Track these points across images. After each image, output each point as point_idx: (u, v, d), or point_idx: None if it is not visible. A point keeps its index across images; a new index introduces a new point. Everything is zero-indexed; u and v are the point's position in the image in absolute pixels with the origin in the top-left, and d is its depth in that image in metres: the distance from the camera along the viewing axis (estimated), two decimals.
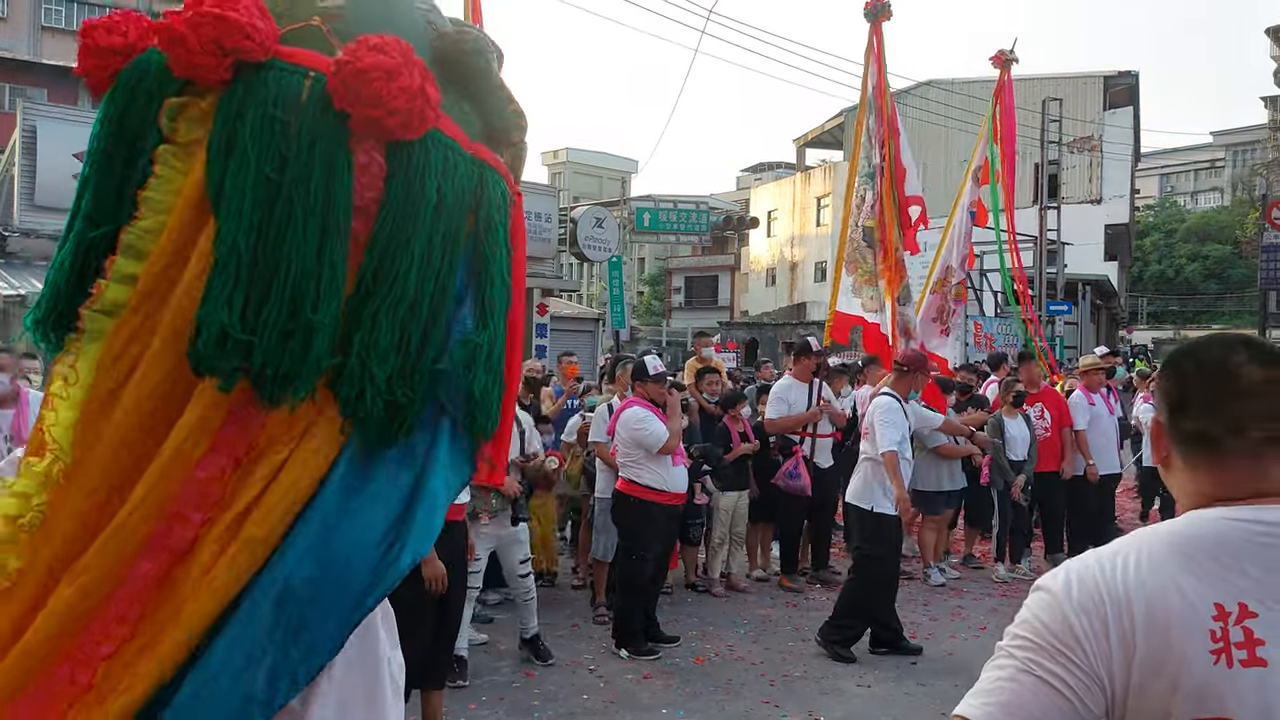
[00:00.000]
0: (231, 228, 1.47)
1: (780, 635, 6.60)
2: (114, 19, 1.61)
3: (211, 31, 1.47)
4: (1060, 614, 1.25)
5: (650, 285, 48.96)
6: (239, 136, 1.42)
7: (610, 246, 21.32)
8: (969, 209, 10.21)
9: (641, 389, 6.28)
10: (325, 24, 1.58)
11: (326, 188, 1.50)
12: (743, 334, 29.76)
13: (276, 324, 1.41)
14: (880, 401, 6.36)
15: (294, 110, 1.44)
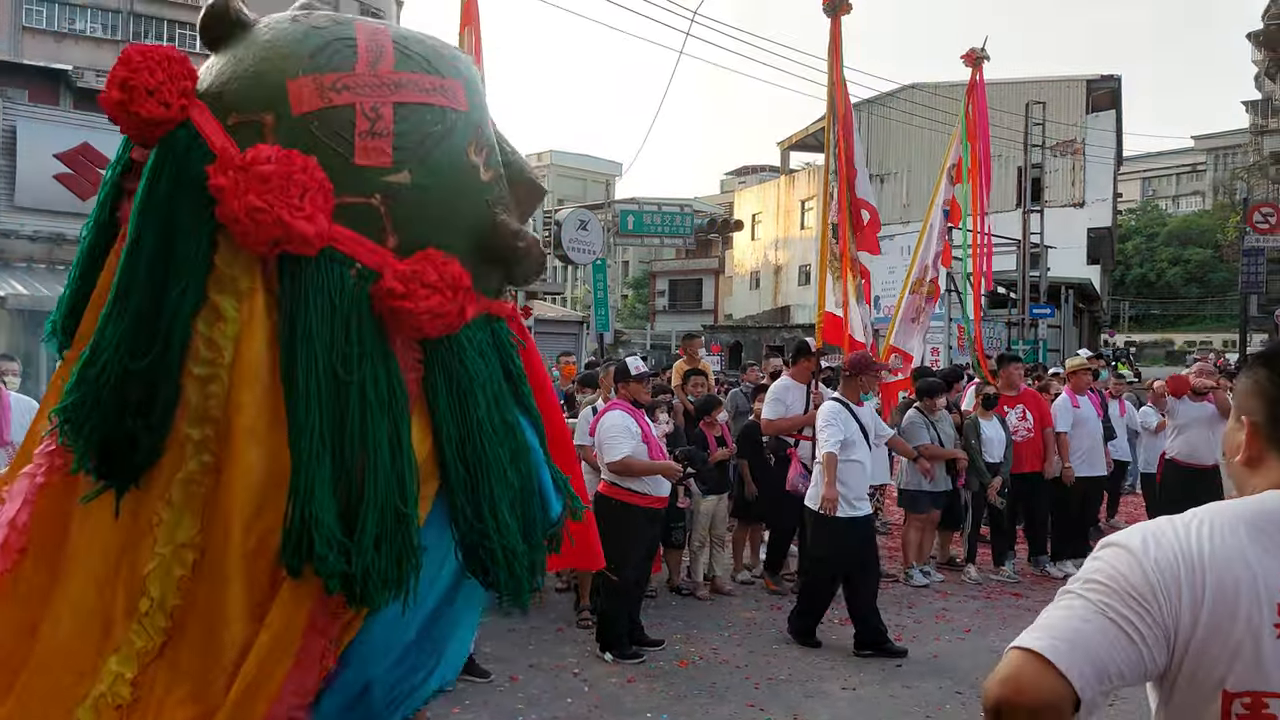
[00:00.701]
0: (314, 420, 1.62)
1: (764, 638, 6.58)
2: (147, 75, 1.68)
3: (270, 233, 1.62)
4: (1138, 567, 1.26)
5: (634, 288, 48.98)
6: (302, 325, 1.64)
7: (594, 249, 21.31)
8: (943, 207, 10.27)
9: (624, 390, 6.27)
10: (385, 204, 1.72)
11: (389, 382, 1.67)
12: (727, 337, 29.79)
13: (374, 526, 1.61)
14: (824, 406, 6.60)
15: (352, 306, 1.67)
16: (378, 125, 1.69)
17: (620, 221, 26.21)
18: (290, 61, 1.72)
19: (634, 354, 8.28)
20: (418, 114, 1.74)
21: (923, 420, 8.25)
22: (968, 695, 5.54)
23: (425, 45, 1.84)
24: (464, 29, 7.88)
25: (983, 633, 6.75)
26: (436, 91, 1.76)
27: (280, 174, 1.61)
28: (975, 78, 10.79)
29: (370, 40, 1.76)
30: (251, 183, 1.61)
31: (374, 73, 1.72)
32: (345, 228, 1.70)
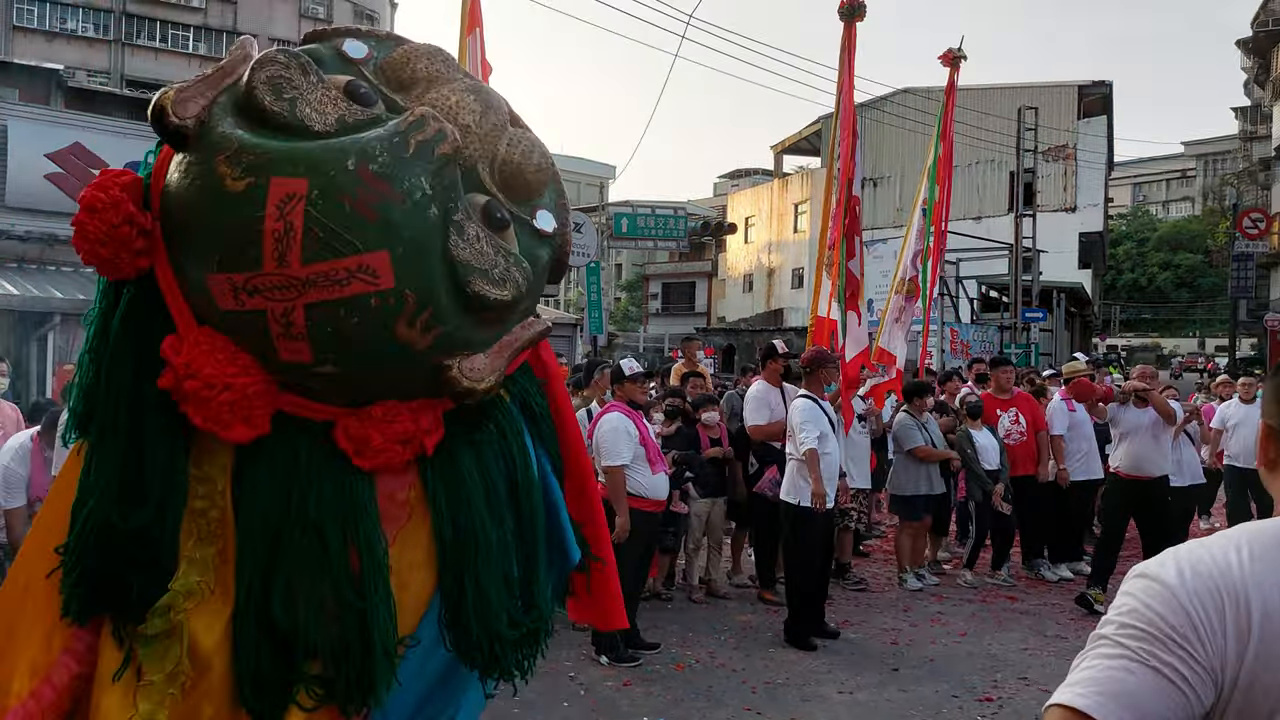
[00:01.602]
0: (248, 566, 1.74)
1: (761, 642, 6.56)
2: (100, 222, 1.68)
3: (213, 426, 1.69)
4: (1176, 604, 1.20)
5: (627, 291, 49.01)
6: (249, 481, 1.75)
7: (589, 252, 21.31)
8: (922, 207, 10.33)
9: (620, 391, 6.26)
10: (321, 382, 1.74)
11: (347, 528, 1.74)
12: (720, 340, 29.80)
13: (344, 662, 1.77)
14: (797, 404, 6.74)
15: (308, 459, 1.76)
16: (292, 330, 1.62)
17: (614, 224, 26.21)
18: (202, 251, 1.67)
19: (625, 357, 8.28)
20: (331, 311, 1.60)
21: (914, 422, 8.25)
22: (964, 699, 5.53)
23: (344, 211, 1.57)
24: (469, 34, 7.84)
25: (979, 636, 6.74)
26: (352, 278, 1.58)
27: (212, 395, 1.68)
28: (952, 77, 10.86)
29: (279, 216, 1.57)
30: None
31: (281, 270, 1.58)
32: (291, 395, 1.74)
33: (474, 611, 1.78)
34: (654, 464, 6.22)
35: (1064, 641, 6.60)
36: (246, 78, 1.68)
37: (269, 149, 1.60)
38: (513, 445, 1.90)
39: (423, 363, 1.69)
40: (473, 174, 1.78)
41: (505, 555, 1.84)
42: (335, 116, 1.66)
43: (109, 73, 29.90)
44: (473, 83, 1.85)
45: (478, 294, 1.67)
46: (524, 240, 1.82)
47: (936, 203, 10.62)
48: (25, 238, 10.43)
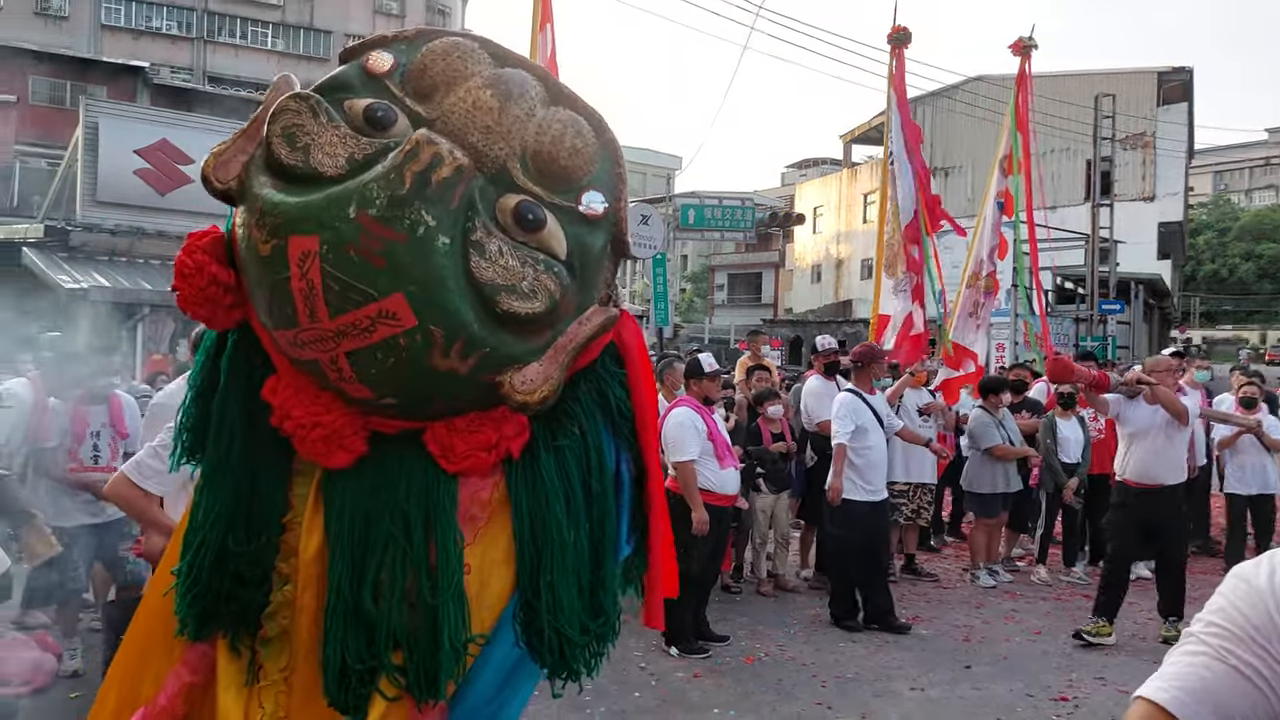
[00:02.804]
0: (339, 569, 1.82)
1: (831, 636, 6.57)
2: (194, 285, 1.79)
3: (312, 453, 1.83)
4: (1261, 604, 1.21)
5: (693, 282, 48.90)
6: (330, 488, 1.84)
7: (656, 244, 21.29)
8: (997, 200, 10.18)
9: (697, 386, 6.30)
10: (393, 410, 1.79)
11: (451, 547, 1.80)
12: (787, 331, 29.63)
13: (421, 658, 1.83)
14: (838, 397, 7.00)
15: (393, 464, 1.84)
16: (344, 375, 1.69)
17: (681, 215, 26.18)
18: (261, 309, 1.76)
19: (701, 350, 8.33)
20: (369, 356, 1.65)
21: (990, 419, 8.16)
22: (1039, 698, 5.48)
23: (353, 261, 1.58)
24: (541, 29, 7.94)
25: (1053, 634, 6.67)
26: (375, 324, 1.61)
27: (305, 434, 1.79)
28: (1024, 67, 10.70)
29: (301, 275, 1.61)
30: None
31: (314, 325, 1.64)
32: (378, 416, 1.81)
33: (547, 613, 1.81)
34: (723, 459, 6.25)
35: (1141, 641, 6.50)
36: (265, 132, 1.69)
37: (285, 208, 1.61)
38: (590, 449, 1.91)
39: (473, 384, 1.70)
40: (503, 174, 1.74)
41: (580, 559, 1.87)
42: (345, 156, 1.65)
43: (191, 69, 30.70)
44: (490, 75, 1.78)
45: (508, 312, 1.65)
46: (572, 230, 1.77)
47: (1025, 194, 10.49)
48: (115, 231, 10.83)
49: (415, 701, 1.78)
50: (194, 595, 1.87)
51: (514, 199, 1.71)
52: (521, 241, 1.69)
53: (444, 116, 1.73)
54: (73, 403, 5.65)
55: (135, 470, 3.76)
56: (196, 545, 1.87)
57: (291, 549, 1.87)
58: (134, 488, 3.75)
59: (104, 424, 5.69)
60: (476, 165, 1.69)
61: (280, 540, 1.88)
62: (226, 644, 1.92)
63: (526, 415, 1.80)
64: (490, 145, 1.72)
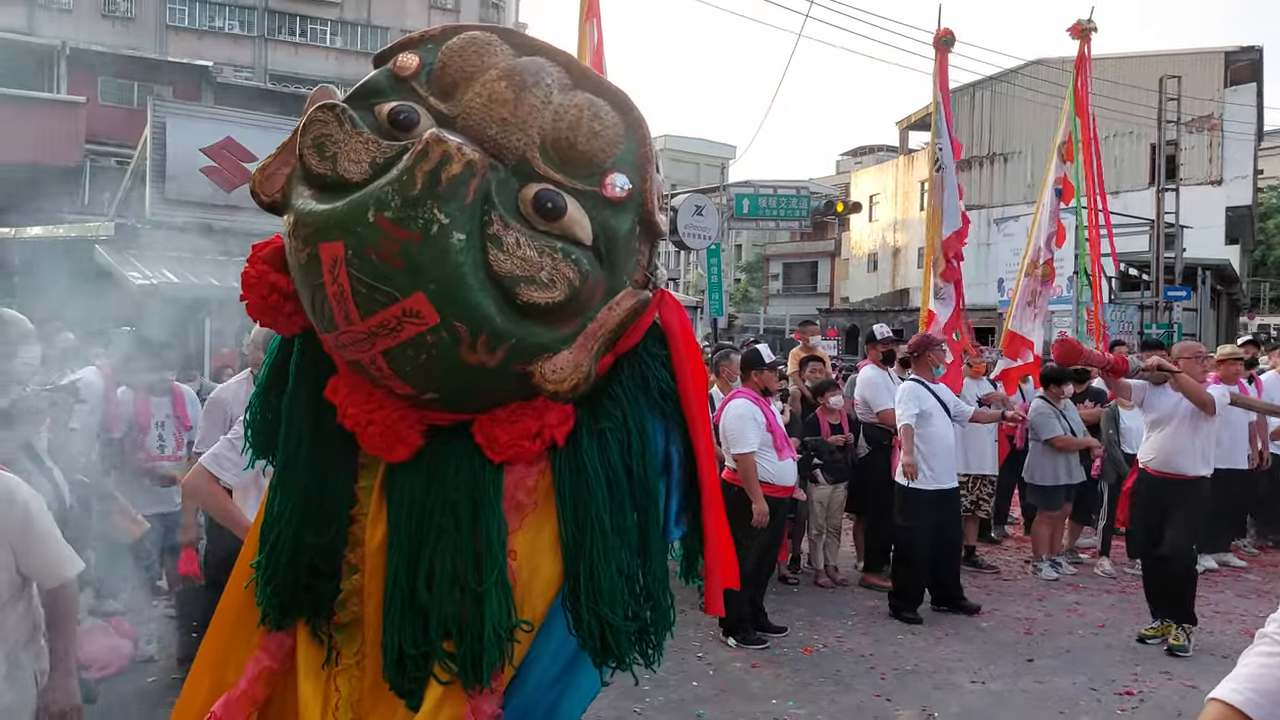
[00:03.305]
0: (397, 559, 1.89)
1: (890, 628, 6.55)
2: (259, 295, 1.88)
3: (374, 448, 1.91)
4: None
5: (747, 272, 48.67)
6: (391, 478, 1.92)
7: (710, 234, 21.27)
8: (1055, 186, 10.01)
9: (757, 377, 6.30)
10: (436, 404, 1.84)
11: (494, 534, 1.84)
12: (843, 321, 29.44)
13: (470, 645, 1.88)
14: (902, 386, 7.05)
15: (444, 456, 1.89)
16: (384, 373, 1.75)
17: (735, 205, 26.02)
18: (310, 314, 1.83)
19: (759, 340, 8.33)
20: (401, 354, 1.69)
21: (1051, 410, 8.04)
22: (1103, 692, 5.42)
23: (374, 264, 1.62)
24: (587, 22, 7.99)
25: (1117, 628, 6.57)
26: (402, 323, 1.65)
27: (363, 430, 1.87)
28: (1083, 50, 10.50)
29: (333, 280, 1.66)
30: None
31: (350, 327, 1.69)
32: (429, 410, 1.86)
33: (586, 598, 1.82)
34: (781, 450, 6.25)
35: (1209, 636, 6.38)
36: (298, 144, 1.75)
37: (315, 216, 1.66)
38: (632, 432, 1.90)
39: (506, 375, 1.73)
40: (524, 165, 1.75)
41: (624, 544, 1.88)
42: (368, 161, 1.69)
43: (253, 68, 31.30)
44: (506, 66, 1.79)
45: (529, 302, 1.67)
46: (596, 214, 1.76)
47: (1085, 180, 10.31)
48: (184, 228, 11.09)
49: (466, 689, 1.81)
50: (274, 587, 1.95)
51: (535, 188, 1.72)
52: (544, 230, 1.70)
53: (464, 112, 1.76)
54: (137, 394, 5.85)
55: (214, 463, 3.89)
56: (273, 539, 1.95)
57: (359, 540, 1.94)
58: (213, 481, 3.89)
59: (168, 415, 5.90)
60: (497, 157, 1.71)
61: (349, 532, 1.95)
62: (306, 632, 2.00)
63: (566, 403, 1.82)
64: (508, 136, 1.74)
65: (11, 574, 2.61)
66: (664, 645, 1.97)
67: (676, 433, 1.98)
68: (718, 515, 2.06)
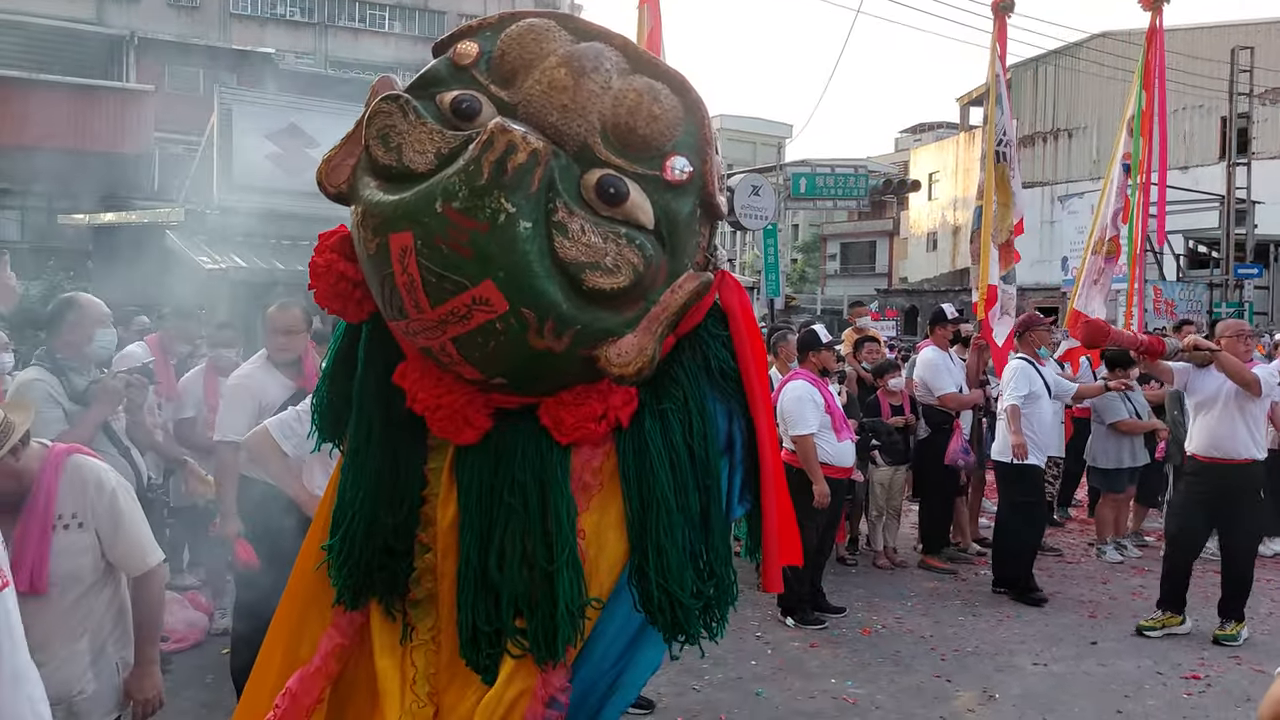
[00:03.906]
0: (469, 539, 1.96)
1: (950, 609, 6.53)
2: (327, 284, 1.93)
3: (443, 430, 1.98)
4: None
5: (804, 252, 48.28)
6: (460, 460, 1.98)
7: (767, 214, 21.09)
8: (1123, 162, 9.78)
9: (815, 358, 6.30)
10: (505, 388, 1.89)
11: (564, 515, 1.90)
12: (902, 301, 29.11)
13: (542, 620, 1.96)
14: (1010, 364, 6.98)
15: (512, 438, 1.95)
16: (453, 359, 1.79)
17: (792, 185, 25.79)
18: (379, 302, 1.88)
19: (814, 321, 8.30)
20: (470, 340, 1.73)
21: (1115, 392, 7.90)
22: (1169, 675, 5.36)
23: (443, 253, 1.65)
24: (642, 5, 7.97)
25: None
26: (471, 310, 1.68)
27: (431, 415, 1.93)
28: (1155, 22, 10.21)
29: (402, 270, 1.70)
30: None
31: (420, 315, 1.73)
32: (496, 393, 1.91)
33: (655, 575, 1.87)
34: (840, 431, 6.24)
35: (1278, 620, 6.26)
36: (363, 135, 1.79)
37: (383, 206, 1.70)
38: (694, 413, 1.94)
39: (572, 359, 1.76)
40: (585, 151, 1.76)
41: (688, 522, 1.92)
42: (434, 152, 1.72)
43: (314, 54, 31.73)
44: (565, 53, 1.80)
45: (594, 288, 1.70)
46: (658, 196, 1.77)
47: (1141, 158, 10.06)
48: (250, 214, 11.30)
49: (538, 664, 1.87)
50: (349, 568, 2.02)
51: (597, 174, 1.74)
52: (606, 216, 1.73)
53: (525, 100, 1.78)
54: (206, 375, 6.00)
55: (278, 426, 3.99)
56: (347, 521, 2.02)
57: (430, 519, 2.00)
58: (273, 442, 3.98)
59: None
60: (558, 144, 1.73)
61: (420, 512, 2.01)
62: (381, 610, 2.07)
63: (631, 385, 1.86)
64: (569, 123, 1.75)
65: (97, 558, 2.66)
66: (726, 619, 1.99)
67: (739, 412, 2.01)
68: (780, 493, 2.08)
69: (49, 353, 4.36)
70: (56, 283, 15.17)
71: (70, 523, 2.60)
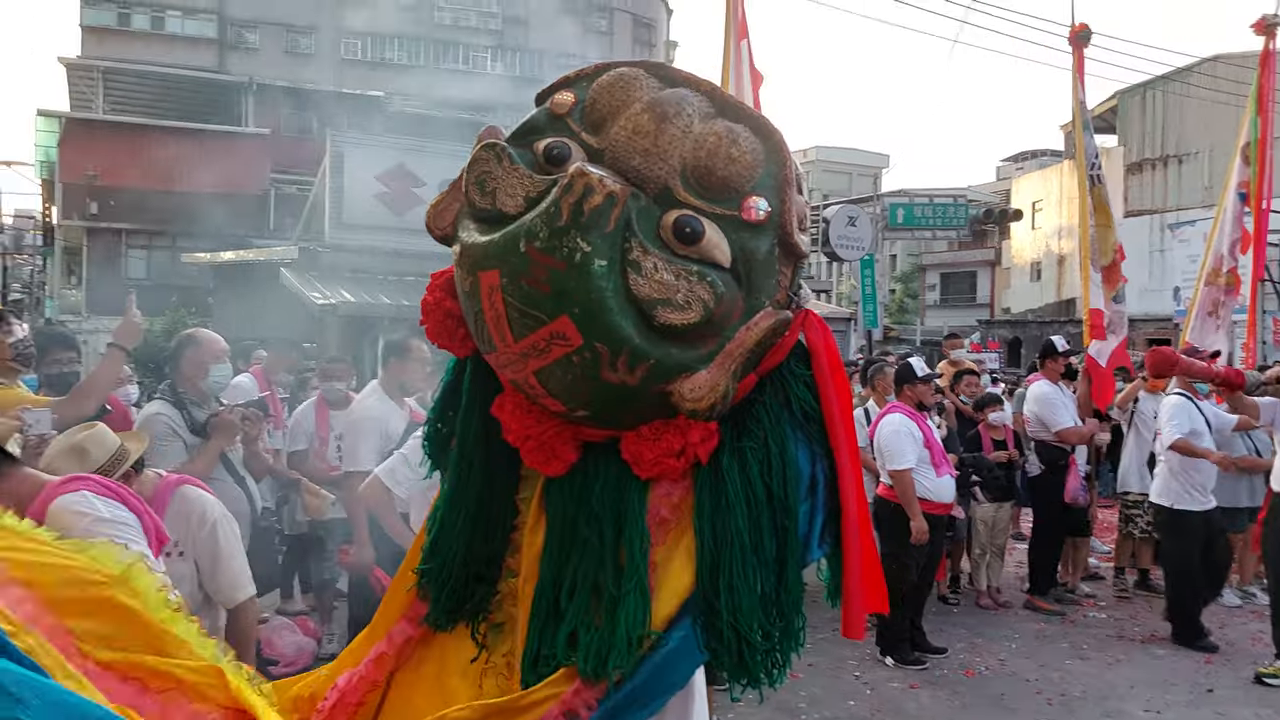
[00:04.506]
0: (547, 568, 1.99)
1: (1057, 652, 6.34)
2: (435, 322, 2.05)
3: (534, 461, 2.02)
4: None
5: (902, 282, 47.59)
6: (548, 497, 2.01)
7: (864, 245, 20.93)
8: (1238, 190, 9.43)
9: (910, 391, 6.24)
10: (589, 420, 1.95)
11: (637, 548, 1.91)
12: (1005, 332, 28.45)
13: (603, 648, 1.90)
14: (1168, 400, 6.77)
15: (593, 474, 1.97)
16: (537, 392, 1.87)
17: (890, 215, 25.53)
18: (474, 337, 1.97)
19: (910, 354, 8.19)
20: (550, 373, 1.80)
21: None
22: None
23: (525, 290, 1.75)
24: (740, 42, 8.06)
25: None
26: (550, 344, 1.76)
27: (523, 445, 1.99)
28: (1269, 46, 9.89)
29: (490, 305, 1.80)
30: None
31: (506, 349, 1.82)
32: (583, 426, 1.95)
33: (726, 612, 1.84)
34: (938, 466, 6.16)
35: None
36: (464, 182, 1.90)
37: (476, 248, 1.81)
38: (772, 452, 1.93)
39: (646, 393, 1.80)
40: (666, 193, 1.82)
41: (762, 562, 1.89)
42: (523, 195, 1.81)
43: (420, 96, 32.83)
44: (649, 100, 1.86)
45: (665, 324, 1.75)
46: (735, 235, 1.81)
47: (1258, 183, 9.72)
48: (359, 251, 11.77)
49: (580, 677, 1.84)
50: (446, 591, 2.10)
51: (674, 214, 1.79)
52: (682, 255, 1.77)
53: (611, 145, 1.86)
54: (317, 408, 6.23)
55: (387, 474, 4.18)
56: (445, 547, 2.10)
57: (517, 545, 2.08)
58: (384, 488, 4.17)
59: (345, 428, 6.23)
60: (640, 187, 1.80)
61: (511, 538, 2.09)
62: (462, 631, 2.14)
63: (706, 421, 1.87)
64: (650, 166, 1.82)
65: (194, 588, 2.79)
66: (789, 665, 1.96)
67: (821, 453, 2.00)
68: (864, 538, 2.06)
69: (171, 387, 4.61)
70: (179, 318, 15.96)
71: (173, 550, 2.71)
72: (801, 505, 1.96)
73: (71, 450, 2.85)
